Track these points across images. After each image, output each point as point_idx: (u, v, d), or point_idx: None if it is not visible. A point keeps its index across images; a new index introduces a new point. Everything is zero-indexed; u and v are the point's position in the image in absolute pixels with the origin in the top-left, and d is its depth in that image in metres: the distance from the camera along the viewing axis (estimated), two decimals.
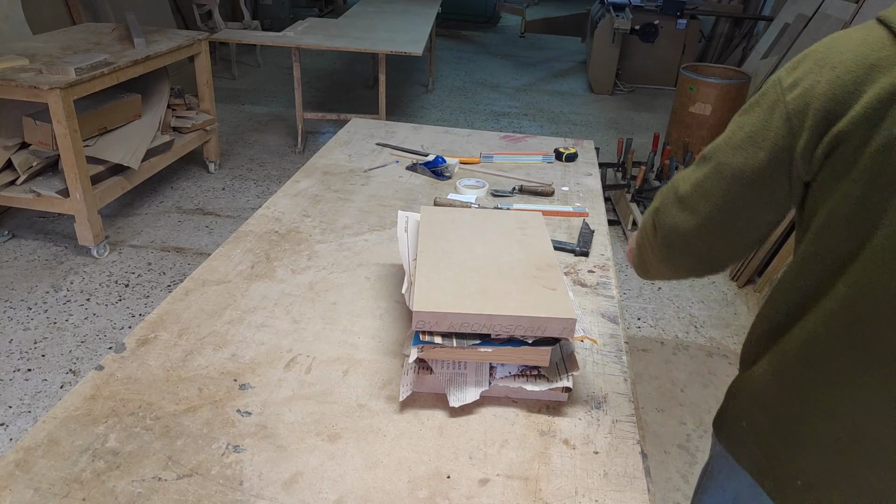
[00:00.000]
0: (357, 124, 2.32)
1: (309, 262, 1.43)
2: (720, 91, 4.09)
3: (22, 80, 2.70)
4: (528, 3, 10.73)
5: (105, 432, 0.95)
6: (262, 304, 1.27)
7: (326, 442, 0.96)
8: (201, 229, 3.46)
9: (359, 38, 4.26)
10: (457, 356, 1.02)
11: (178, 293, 1.29)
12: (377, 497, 0.88)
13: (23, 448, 0.92)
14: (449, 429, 1.00)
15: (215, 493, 0.86)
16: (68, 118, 2.74)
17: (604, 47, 6.19)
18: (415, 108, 5.66)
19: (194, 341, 1.16)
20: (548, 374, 1.05)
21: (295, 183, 1.82)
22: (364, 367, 1.12)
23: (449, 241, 1.20)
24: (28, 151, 3.06)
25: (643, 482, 0.93)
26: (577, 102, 6.12)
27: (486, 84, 6.55)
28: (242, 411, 1.01)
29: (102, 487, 0.86)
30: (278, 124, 5.05)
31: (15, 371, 2.37)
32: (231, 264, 1.40)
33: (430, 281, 1.06)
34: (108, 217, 3.47)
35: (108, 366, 1.08)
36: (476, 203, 1.73)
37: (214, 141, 4.02)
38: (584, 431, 1.01)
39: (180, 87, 3.92)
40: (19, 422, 2.15)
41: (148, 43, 3.45)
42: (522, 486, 0.91)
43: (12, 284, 2.87)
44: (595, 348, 1.21)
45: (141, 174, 3.35)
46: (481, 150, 2.13)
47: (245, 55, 6.82)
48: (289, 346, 1.16)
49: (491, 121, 5.43)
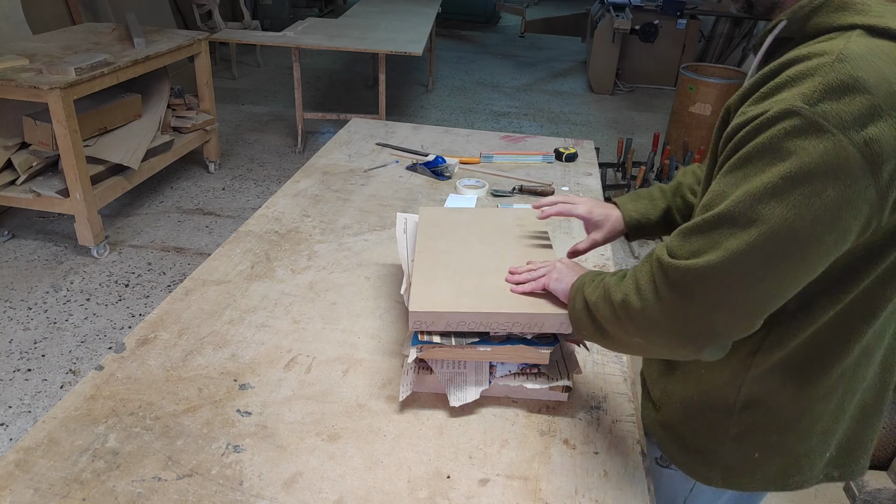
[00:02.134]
0: (357, 124, 2.32)
1: (309, 262, 1.43)
2: (720, 91, 4.09)
3: (22, 80, 2.70)
4: (528, 3, 10.73)
5: (105, 432, 0.95)
6: (262, 304, 1.27)
7: (326, 442, 0.96)
8: (201, 229, 3.46)
9: (359, 38, 4.26)
10: (456, 355, 1.02)
11: (178, 293, 1.29)
12: (377, 497, 0.88)
13: (23, 448, 0.92)
14: (449, 429, 1.00)
15: (215, 493, 0.86)
16: (68, 118, 2.74)
17: (604, 47, 6.19)
18: (415, 108, 5.66)
19: (194, 341, 1.16)
20: (548, 373, 1.05)
21: (295, 183, 1.82)
22: (364, 367, 1.12)
23: (447, 240, 1.20)
24: (28, 151, 3.06)
25: (643, 482, 0.93)
26: (577, 102, 6.12)
27: (486, 84, 6.55)
28: (242, 411, 1.01)
29: (102, 487, 0.86)
30: (278, 124, 5.05)
31: (15, 371, 2.37)
32: (231, 264, 1.40)
33: (427, 281, 1.06)
34: (108, 217, 3.47)
35: (108, 366, 1.08)
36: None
37: (214, 141, 4.02)
38: (584, 431, 1.01)
39: (180, 87, 3.92)
40: (19, 422, 2.15)
41: (148, 43, 3.45)
42: (522, 485, 0.91)
43: (12, 284, 2.87)
44: (595, 348, 1.21)
45: (141, 174, 3.35)
46: (481, 150, 2.13)
47: (245, 55, 6.82)
48: (289, 346, 1.16)
49: (491, 121, 5.43)
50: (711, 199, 0.73)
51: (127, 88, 3.44)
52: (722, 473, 0.95)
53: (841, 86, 0.64)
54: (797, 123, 0.65)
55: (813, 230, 0.66)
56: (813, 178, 0.64)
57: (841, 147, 0.63)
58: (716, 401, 0.91)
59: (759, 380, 0.86)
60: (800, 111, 0.65)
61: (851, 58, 0.66)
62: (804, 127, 0.64)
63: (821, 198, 0.65)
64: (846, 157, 0.63)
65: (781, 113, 0.66)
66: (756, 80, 0.74)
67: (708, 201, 0.74)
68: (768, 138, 0.67)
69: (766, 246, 0.68)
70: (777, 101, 0.68)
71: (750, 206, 0.68)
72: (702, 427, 0.94)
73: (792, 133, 0.65)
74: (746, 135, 0.70)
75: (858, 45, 0.67)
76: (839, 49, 0.67)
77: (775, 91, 0.69)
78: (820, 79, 0.65)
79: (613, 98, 6.29)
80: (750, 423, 0.90)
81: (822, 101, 0.64)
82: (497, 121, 5.44)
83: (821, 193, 0.65)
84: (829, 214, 0.65)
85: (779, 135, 0.66)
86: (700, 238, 0.72)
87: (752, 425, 0.90)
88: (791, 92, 0.67)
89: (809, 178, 0.65)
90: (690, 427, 0.96)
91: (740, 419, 0.90)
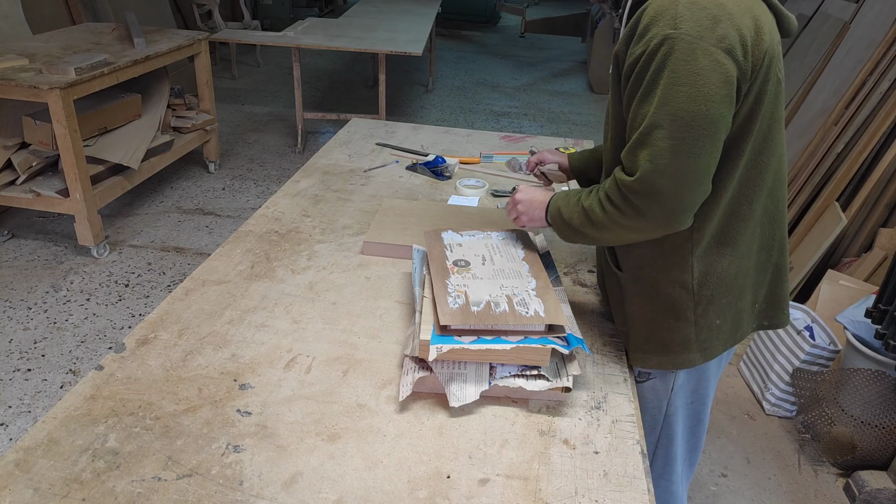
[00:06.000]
0: (357, 124, 2.32)
1: (309, 262, 1.43)
2: None
3: (22, 79, 2.70)
4: (528, 3, 10.73)
5: (105, 432, 0.95)
6: (262, 304, 1.27)
7: (326, 442, 0.96)
8: (201, 229, 3.46)
9: (359, 38, 4.26)
10: (466, 356, 1.02)
11: (178, 293, 1.29)
12: (377, 497, 0.88)
13: (23, 448, 0.92)
14: (449, 429, 1.00)
15: (215, 493, 0.86)
16: (68, 118, 2.74)
17: (604, 47, 6.19)
18: (415, 108, 5.66)
19: (194, 341, 1.16)
20: (548, 374, 1.05)
21: (295, 183, 1.82)
22: (364, 367, 1.12)
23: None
24: (28, 151, 3.06)
25: (643, 482, 0.93)
26: (577, 102, 6.12)
27: (486, 84, 6.55)
28: (242, 411, 1.01)
29: (102, 487, 0.86)
30: (278, 124, 5.05)
31: (15, 371, 2.37)
32: (231, 264, 1.40)
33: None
34: (108, 217, 3.47)
35: (108, 366, 1.08)
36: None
37: (214, 141, 4.02)
38: (584, 431, 1.01)
39: (180, 87, 3.92)
40: (19, 422, 2.15)
41: (148, 43, 3.45)
42: (522, 486, 0.91)
43: (12, 284, 2.87)
44: (595, 348, 1.21)
45: (141, 174, 3.35)
46: (481, 150, 2.13)
47: (245, 55, 6.82)
48: (289, 346, 1.16)
49: (491, 121, 5.43)
50: (635, 120, 0.98)
51: (127, 88, 3.44)
52: (700, 350, 1.14)
53: (688, 10, 0.91)
54: (673, 44, 0.91)
55: (710, 105, 0.92)
56: (697, 74, 0.91)
57: (706, 47, 0.91)
58: (675, 292, 1.10)
59: (702, 256, 1.08)
60: (670, 35, 0.91)
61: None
62: (678, 45, 0.91)
63: (706, 84, 0.91)
64: (712, 52, 0.91)
65: (660, 41, 0.92)
66: (629, 29, 1.00)
67: (633, 123, 0.98)
68: (659, 60, 0.93)
69: (687, 131, 0.92)
70: (652, 35, 0.93)
71: (665, 111, 0.93)
72: (672, 323, 1.12)
73: (672, 51, 0.91)
74: (642, 67, 0.95)
75: None
76: None
77: (646, 31, 0.94)
78: (674, 10, 0.92)
79: None
80: (708, 295, 1.10)
81: (680, 24, 0.91)
82: (497, 121, 5.44)
83: (705, 82, 0.91)
84: (716, 91, 0.92)
85: (664, 54, 0.92)
86: (641, 149, 0.96)
87: (710, 297, 1.10)
88: (658, 26, 0.93)
89: (695, 75, 0.91)
90: (661, 330, 1.14)
91: (700, 296, 1.10)
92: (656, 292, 1.12)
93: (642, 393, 1.22)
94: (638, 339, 1.17)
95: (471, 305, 1.07)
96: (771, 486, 2.09)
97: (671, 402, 1.23)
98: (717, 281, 1.10)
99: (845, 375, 2.14)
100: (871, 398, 2.09)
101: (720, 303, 1.11)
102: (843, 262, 2.80)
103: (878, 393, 2.08)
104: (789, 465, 2.18)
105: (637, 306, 1.15)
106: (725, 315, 1.13)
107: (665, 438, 1.28)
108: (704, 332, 1.13)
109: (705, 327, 1.12)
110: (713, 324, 1.13)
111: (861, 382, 2.11)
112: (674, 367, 1.16)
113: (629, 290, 1.16)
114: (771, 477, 2.13)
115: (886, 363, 2.09)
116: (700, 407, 1.29)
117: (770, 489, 2.08)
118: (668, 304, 1.11)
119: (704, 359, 1.15)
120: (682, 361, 1.15)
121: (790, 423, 2.36)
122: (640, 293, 1.14)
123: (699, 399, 1.27)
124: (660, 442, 1.29)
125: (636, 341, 1.17)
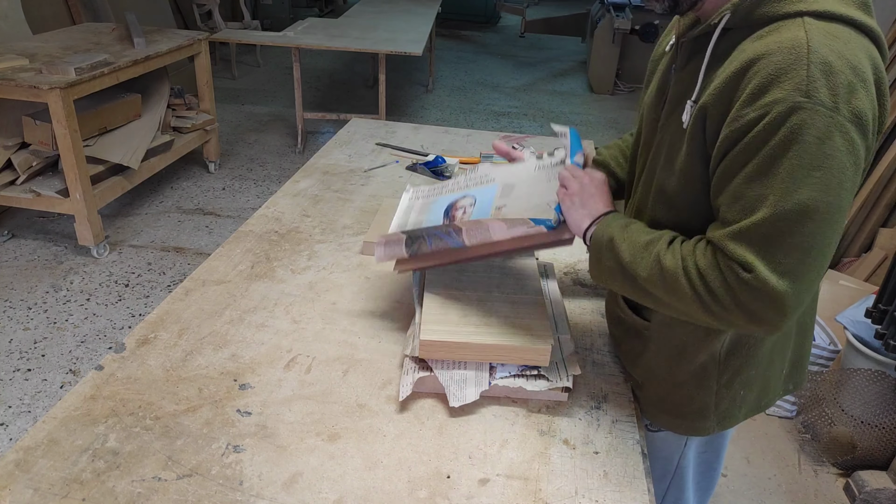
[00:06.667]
0: (357, 124, 2.32)
1: (309, 262, 1.43)
2: None
3: (22, 79, 2.70)
4: (528, 3, 10.73)
5: (105, 432, 0.95)
6: (262, 304, 1.27)
7: (326, 442, 0.96)
8: (201, 229, 3.46)
9: (359, 38, 4.26)
10: (456, 355, 1.02)
11: (178, 293, 1.29)
12: (377, 497, 0.88)
13: (23, 448, 0.92)
14: (449, 429, 1.00)
15: (215, 493, 0.86)
16: (68, 118, 2.74)
17: (604, 47, 6.19)
18: (415, 108, 5.66)
19: (194, 341, 1.16)
20: (548, 374, 1.05)
21: (295, 183, 1.82)
22: (364, 367, 1.12)
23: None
24: (28, 151, 3.06)
25: (643, 482, 0.93)
26: (577, 102, 6.12)
27: (486, 84, 6.55)
28: (242, 411, 1.01)
29: (102, 487, 0.86)
30: (278, 124, 5.05)
31: (15, 371, 2.37)
32: (231, 264, 1.40)
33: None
34: (108, 217, 3.47)
35: (107, 366, 1.08)
36: None
37: (214, 141, 4.02)
38: (584, 431, 1.01)
39: (180, 87, 3.92)
40: (19, 422, 2.15)
41: (148, 43, 3.45)
42: (522, 486, 0.91)
43: (12, 284, 2.87)
44: (595, 347, 1.21)
45: (141, 174, 3.35)
46: (481, 149, 2.13)
47: (245, 55, 6.82)
48: (289, 346, 1.16)
49: (491, 121, 5.43)
50: (741, 199, 0.80)
51: (127, 88, 3.44)
52: (717, 420, 1.06)
53: (822, 74, 0.74)
54: (805, 117, 0.74)
55: (843, 194, 0.77)
56: (832, 157, 0.75)
57: (842, 122, 0.74)
58: (701, 359, 1.00)
59: None
60: (802, 105, 0.74)
61: (818, 47, 0.75)
62: (813, 119, 0.74)
63: (842, 170, 0.76)
64: (847, 130, 0.75)
65: (787, 110, 0.74)
66: (726, 80, 0.81)
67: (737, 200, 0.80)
68: (786, 135, 0.75)
69: (819, 226, 0.77)
70: (774, 100, 0.75)
71: (795, 200, 0.76)
72: (692, 389, 1.04)
73: (805, 126, 0.74)
74: (758, 137, 0.77)
75: (817, 32, 0.76)
76: (804, 40, 0.76)
77: (763, 92, 0.76)
78: (804, 72, 0.74)
79: (613, 98, 6.29)
80: (736, 365, 1.01)
81: (815, 91, 0.74)
82: (497, 121, 5.44)
83: (840, 166, 0.75)
84: (850, 177, 0.77)
85: (792, 129, 0.74)
86: (763, 243, 0.78)
87: (737, 367, 1.01)
88: (783, 90, 0.75)
89: (830, 158, 0.75)
90: (681, 394, 1.05)
91: (727, 365, 1.00)
92: (682, 355, 1.02)
93: (653, 442, 1.15)
94: (652, 396, 1.09)
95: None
96: (771, 486, 2.09)
97: (684, 454, 1.17)
98: (747, 352, 1.00)
99: (845, 375, 2.14)
100: (871, 398, 2.09)
101: (748, 374, 1.02)
102: (843, 262, 2.80)
103: (878, 393, 2.08)
104: (789, 465, 2.18)
105: (658, 364, 1.06)
106: (752, 385, 1.05)
107: (675, 488, 1.22)
108: (726, 402, 1.04)
109: (727, 398, 1.04)
110: (737, 394, 1.04)
111: (861, 382, 2.11)
112: (686, 433, 1.11)
113: (652, 346, 1.06)
114: (771, 477, 2.13)
115: (886, 363, 2.09)
116: (713, 456, 1.23)
117: (770, 489, 2.08)
118: (691, 371, 1.02)
119: (721, 428, 1.08)
120: (696, 429, 1.08)
121: (790, 423, 2.36)
122: (663, 352, 1.04)
123: (713, 450, 1.22)
124: (669, 491, 1.23)
125: (650, 397, 1.10)
